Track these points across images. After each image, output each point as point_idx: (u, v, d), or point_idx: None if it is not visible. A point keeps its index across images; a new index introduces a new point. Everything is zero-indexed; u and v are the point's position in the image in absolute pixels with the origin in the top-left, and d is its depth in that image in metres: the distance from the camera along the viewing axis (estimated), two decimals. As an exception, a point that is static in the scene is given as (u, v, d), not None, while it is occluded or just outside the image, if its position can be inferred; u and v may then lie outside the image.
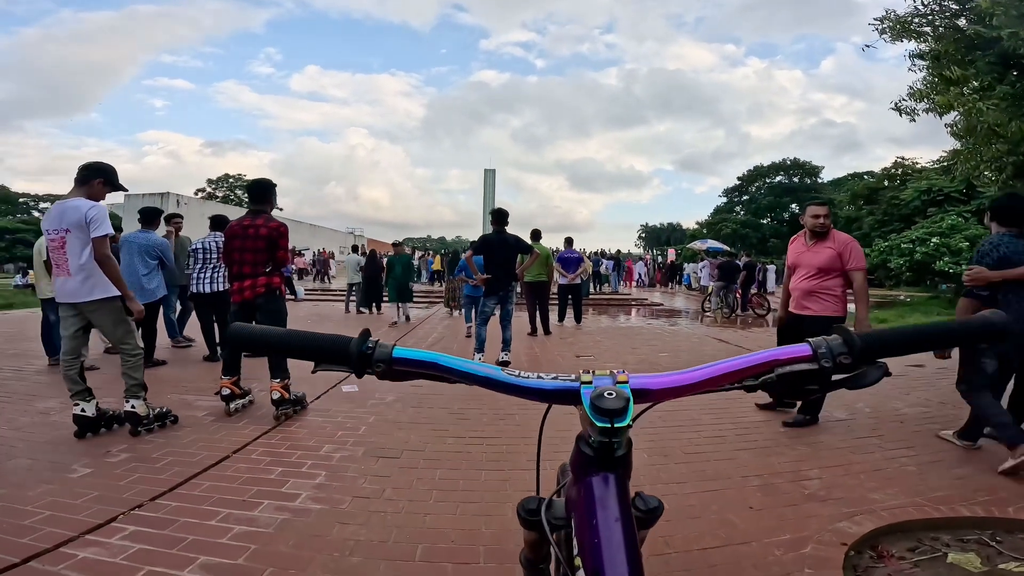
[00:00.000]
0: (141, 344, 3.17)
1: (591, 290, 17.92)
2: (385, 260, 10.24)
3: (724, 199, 49.72)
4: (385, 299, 10.29)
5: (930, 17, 6.26)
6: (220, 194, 50.22)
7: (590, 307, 13.30)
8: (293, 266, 27.18)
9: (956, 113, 6.46)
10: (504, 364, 4.61)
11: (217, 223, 5.23)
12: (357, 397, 3.90)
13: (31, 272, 16.70)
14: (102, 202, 2.97)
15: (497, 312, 4.87)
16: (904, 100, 6.70)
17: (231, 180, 51.77)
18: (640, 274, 23.98)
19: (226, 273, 4.96)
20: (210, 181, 51.75)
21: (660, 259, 35.25)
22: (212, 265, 4.96)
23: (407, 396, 3.90)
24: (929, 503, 2.39)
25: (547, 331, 7.53)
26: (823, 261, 3.35)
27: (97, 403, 2.98)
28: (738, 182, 48.58)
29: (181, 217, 6.00)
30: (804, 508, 2.36)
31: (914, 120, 6.73)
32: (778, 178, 45.97)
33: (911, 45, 6.53)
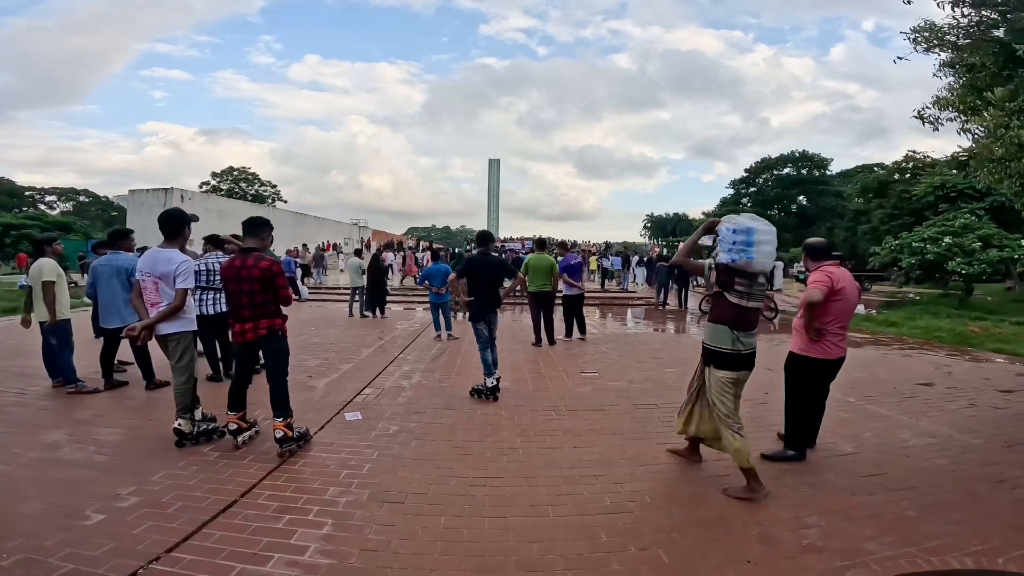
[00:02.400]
0: (195, 376, 3.54)
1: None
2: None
3: (731, 191, 49.34)
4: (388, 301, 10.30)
5: (971, 29, 6.02)
6: (224, 187, 50.32)
7: (595, 307, 13.30)
8: (297, 259, 27.18)
9: (984, 127, 6.28)
10: (497, 382, 4.64)
11: (214, 242, 5.27)
12: (360, 427, 3.94)
13: None
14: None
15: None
16: (928, 108, 6.55)
17: (235, 173, 51.80)
18: (637, 275, 20.82)
19: None
20: (214, 174, 51.87)
21: (666, 251, 34.96)
22: (215, 286, 4.96)
23: (410, 428, 3.94)
24: (922, 554, 2.42)
25: (552, 341, 7.55)
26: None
27: (192, 419, 3.50)
28: (745, 174, 48.15)
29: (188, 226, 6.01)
30: (800, 561, 2.38)
31: (937, 130, 6.59)
32: (786, 170, 45.53)
33: (944, 55, 6.29)
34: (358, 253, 11.30)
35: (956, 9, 5.56)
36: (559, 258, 9.19)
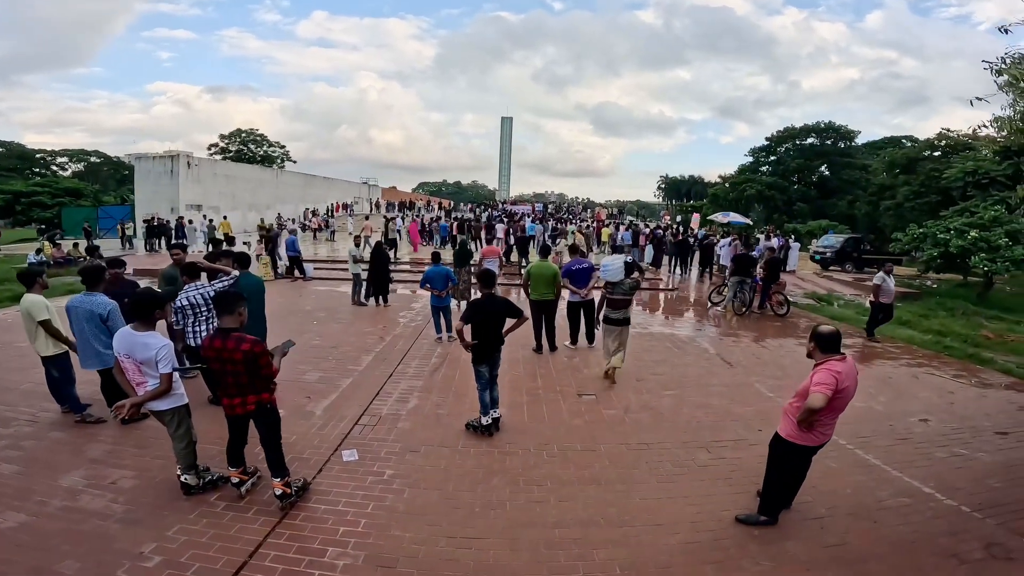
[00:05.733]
0: (194, 439, 3.69)
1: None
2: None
3: (751, 158, 47.88)
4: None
5: None
6: (233, 148, 50.18)
7: (598, 290, 13.19)
8: (306, 223, 26.86)
9: None
10: (495, 421, 4.80)
11: (191, 272, 5.29)
12: (356, 470, 4.13)
13: (47, 245, 16.73)
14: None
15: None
16: (985, 126, 6.25)
17: (243, 134, 51.50)
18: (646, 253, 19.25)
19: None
20: (222, 136, 51.76)
21: (679, 222, 34.41)
22: (204, 317, 4.94)
23: (403, 471, 4.14)
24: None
25: (553, 347, 7.66)
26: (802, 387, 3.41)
27: (196, 472, 3.71)
28: (766, 142, 46.57)
29: (182, 249, 6.03)
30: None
31: (996, 154, 6.36)
32: (809, 140, 43.87)
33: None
34: (357, 242, 11.28)
35: None
36: (567, 259, 9.01)
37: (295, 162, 55.31)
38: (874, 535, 3.53)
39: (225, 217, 22.88)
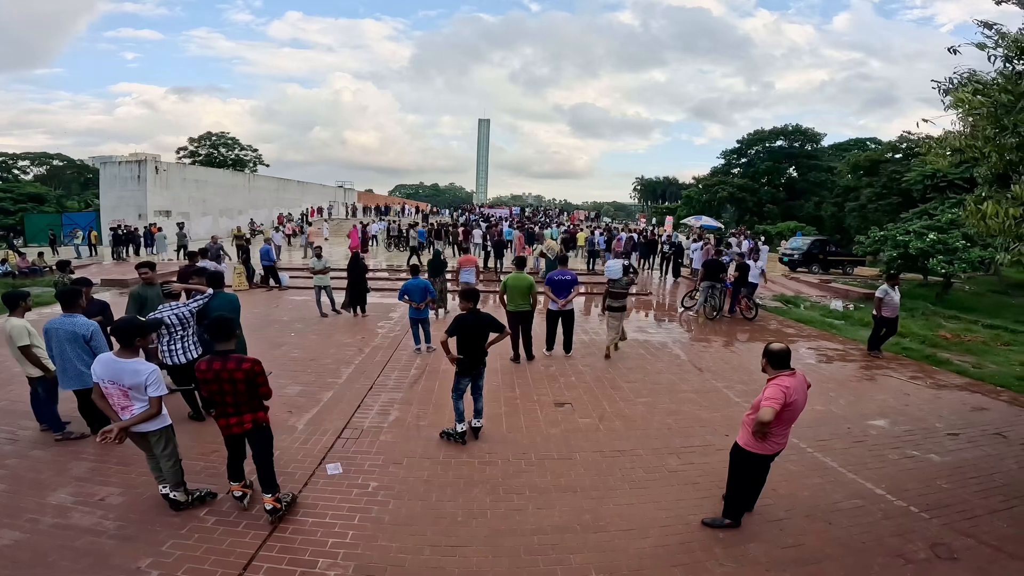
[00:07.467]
0: (179, 457, 3.78)
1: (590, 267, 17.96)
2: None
3: (722, 160, 49.18)
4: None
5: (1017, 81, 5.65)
6: (203, 152, 49.15)
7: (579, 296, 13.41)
8: (282, 230, 26.31)
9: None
10: (477, 429, 4.99)
11: (168, 294, 5.39)
12: (341, 483, 4.26)
13: (11, 255, 16.28)
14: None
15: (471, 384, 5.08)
16: (937, 148, 6.44)
17: (214, 137, 50.46)
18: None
19: (196, 340, 5.16)
20: (191, 139, 50.59)
21: (653, 225, 35.10)
22: (179, 335, 5.03)
23: (388, 483, 4.29)
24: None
25: (530, 356, 7.87)
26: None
27: (184, 488, 3.79)
28: (737, 145, 47.94)
29: (151, 267, 5.97)
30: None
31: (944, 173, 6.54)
32: (778, 143, 45.26)
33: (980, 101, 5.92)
34: (319, 253, 11.20)
35: (1008, 64, 5.17)
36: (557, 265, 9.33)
37: (268, 166, 54.44)
38: (828, 536, 3.78)
39: (182, 224, 22.14)
